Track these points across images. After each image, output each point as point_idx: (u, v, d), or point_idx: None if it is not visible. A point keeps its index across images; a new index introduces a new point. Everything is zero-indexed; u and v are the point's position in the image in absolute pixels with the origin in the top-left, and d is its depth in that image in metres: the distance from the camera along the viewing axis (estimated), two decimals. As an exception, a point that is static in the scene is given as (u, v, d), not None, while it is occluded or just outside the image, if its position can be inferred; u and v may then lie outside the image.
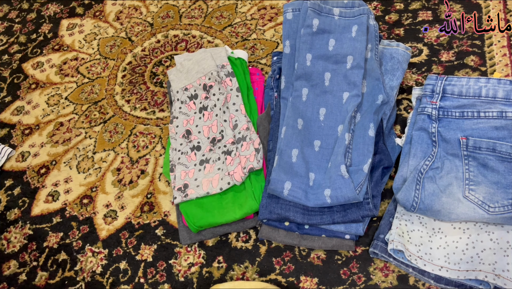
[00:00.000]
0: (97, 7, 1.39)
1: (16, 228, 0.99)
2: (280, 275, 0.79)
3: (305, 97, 0.88)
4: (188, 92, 1.00)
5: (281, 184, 0.79)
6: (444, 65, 0.95)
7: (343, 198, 0.75)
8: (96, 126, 1.11)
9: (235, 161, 0.86)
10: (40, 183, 1.05)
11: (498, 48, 0.94)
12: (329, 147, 0.83)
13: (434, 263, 0.72)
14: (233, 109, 0.92)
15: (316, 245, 0.79)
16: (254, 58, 1.10)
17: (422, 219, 0.76)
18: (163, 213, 0.92)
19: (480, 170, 0.74)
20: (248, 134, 0.89)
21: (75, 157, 1.07)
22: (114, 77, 1.20)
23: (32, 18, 1.43)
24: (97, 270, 0.89)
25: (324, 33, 0.91)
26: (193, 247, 0.86)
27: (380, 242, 0.75)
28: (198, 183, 0.87)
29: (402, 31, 1.03)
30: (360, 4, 0.90)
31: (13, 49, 1.36)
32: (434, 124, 0.79)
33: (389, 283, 0.74)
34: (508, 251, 0.69)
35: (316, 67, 0.89)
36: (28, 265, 0.93)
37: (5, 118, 1.20)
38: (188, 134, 0.95)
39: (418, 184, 0.74)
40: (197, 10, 1.27)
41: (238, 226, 0.84)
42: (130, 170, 1.01)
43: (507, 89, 0.76)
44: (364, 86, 0.87)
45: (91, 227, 0.95)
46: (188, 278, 0.83)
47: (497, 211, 0.69)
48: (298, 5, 0.94)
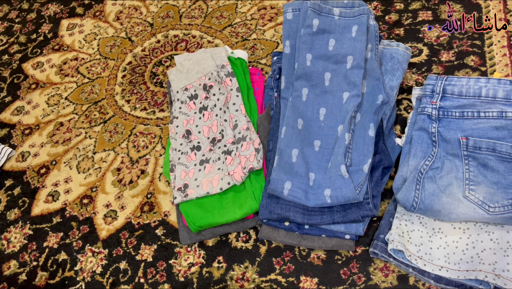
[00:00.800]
0: (97, 7, 1.39)
1: (16, 228, 0.99)
2: (280, 275, 0.79)
3: (305, 97, 0.88)
4: (188, 92, 1.00)
5: (281, 184, 0.79)
6: (444, 65, 0.95)
7: (343, 198, 0.75)
8: (96, 126, 1.11)
9: (235, 161, 0.86)
10: (40, 183, 1.05)
11: (498, 48, 0.94)
12: (329, 147, 0.83)
13: (434, 263, 0.72)
14: (233, 109, 0.92)
15: (316, 245, 0.79)
16: (254, 58, 1.10)
17: (422, 219, 0.76)
18: (163, 213, 0.92)
19: (480, 170, 0.74)
20: (248, 134, 0.89)
21: (75, 157, 1.07)
22: (114, 77, 1.20)
23: (32, 18, 1.43)
24: (97, 270, 0.89)
25: (324, 33, 0.91)
26: (193, 247, 0.86)
27: (380, 242, 0.75)
28: (198, 183, 0.87)
29: (402, 31, 1.03)
30: (360, 4, 0.90)
31: (13, 49, 1.36)
32: (434, 124, 0.79)
33: (389, 283, 0.74)
34: (508, 251, 0.69)
35: (316, 67, 0.89)
36: (28, 265, 0.93)
37: (5, 118, 1.20)
38: (188, 134, 0.95)
39: (418, 184, 0.74)
40: (197, 10, 1.27)
41: (238, 226, 0.84)
42: (130, 170, 1.01)
43: (507, 89, 0.76)
44: (364, 86, 0.87)
45: (91, 227, 0.95)
46: (188, 278, 0.83)
47: (497, 211, 0.69)
48: (298, 5, 0.94)
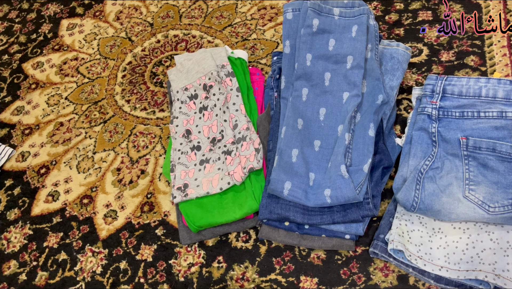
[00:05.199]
0: (97, 7, 1.39)
1: (16, 228, 0.99)
2: (280, 275, 0.79)
3: (305, 97, 0.88)
4: (188, 92, 1.00)
5: (281, 184, 0.79)
6: (444, 65, 0.95)
7: (343, 198, 0.75)
8: (96, 126, 1.11)
9: (235, 160, 0.86)
10: (40, 183, 1.05)
11: (498, 48, 0.94)
12: (329, 147, 0.83)
13: (434, 263, 0.72)
14: (233, 109, 0.92)
15: (316, 245, 0.79)
16: (254, 58, 1.10)
17: (422, 219, 0.76)
18: (163, 213, 0.92)
19: (480, 170, 0.74)
20: (248, 134, 0.89)
21: (75, 157, 1.07)
22: (114, 77, 1.20)
23: (32, 18, 1.43)
24: (97, 270, 0.89)
25: (324, 33, 0.91)
26: (193, 247, 0.86)
27: (380, 242, 0.75)
28: (198, 183, 0.87)
29: (402, 31, 1.03)
30: (360, 4, 0.90)
31: (13, 49, 1.36)
32: (434, 124, 0.79)
33: (389, 283, 0.74)
34: (508, 251, 0.69)
35: (316, 67, 0.89)
36: (28, 265, 0.93)
37: (5, 118, 1.20)
38: (188, 134, 0.95)
39: (418, 184, 0.74)
40: (197, 10, 1.27)
41: (238, 226, 0.84)
42: (130, 170, 1.01)
43: (507, 89, 0.76)
44: (364, 86, 0.87)
45: (91, 227, 0.95)
46: (188, 278, 0.83)
47: (497, 211, 0.69)
48: (298, 5, 0.94)
